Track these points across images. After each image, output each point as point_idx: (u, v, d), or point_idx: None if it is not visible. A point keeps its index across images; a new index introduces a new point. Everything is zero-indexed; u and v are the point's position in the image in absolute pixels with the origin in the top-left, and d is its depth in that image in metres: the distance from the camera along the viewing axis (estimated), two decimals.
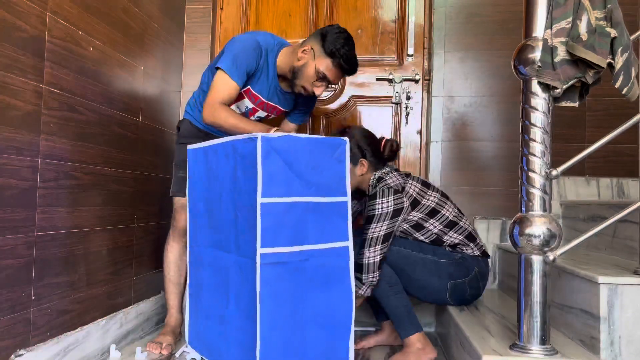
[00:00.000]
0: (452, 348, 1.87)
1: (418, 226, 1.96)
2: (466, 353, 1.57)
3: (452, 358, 1.88)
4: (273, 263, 1.49)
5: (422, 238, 1.97)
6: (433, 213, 1.96)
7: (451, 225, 1.98)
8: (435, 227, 1.96)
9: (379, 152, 2.04)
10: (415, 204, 1.95)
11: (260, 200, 1.46)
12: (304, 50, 1.92)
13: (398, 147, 2.08)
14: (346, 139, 1.63)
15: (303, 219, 1.56)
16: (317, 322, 1.59)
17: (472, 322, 1.74)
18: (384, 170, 2.00)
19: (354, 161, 1.97)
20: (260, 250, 1.46)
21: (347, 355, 1.62)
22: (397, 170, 2.04)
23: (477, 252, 1.98)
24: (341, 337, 1.63)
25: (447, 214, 1.98)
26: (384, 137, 2.08)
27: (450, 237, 1.97)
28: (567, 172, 1.94)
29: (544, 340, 1.31)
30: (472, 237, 2.00)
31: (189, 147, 1.89)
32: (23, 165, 1.51)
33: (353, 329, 1.63)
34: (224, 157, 1.67)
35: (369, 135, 2.07)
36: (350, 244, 1.64)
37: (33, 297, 1.56)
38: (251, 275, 1.49)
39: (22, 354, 1.50)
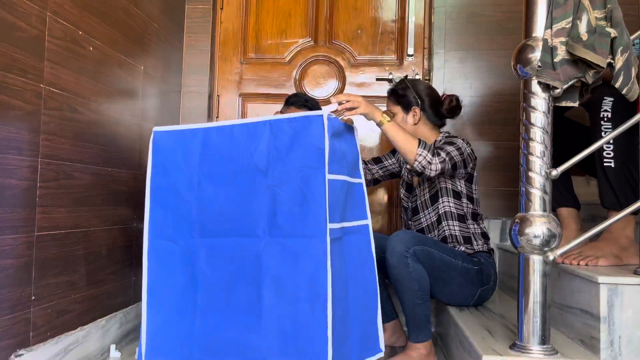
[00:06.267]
0: (452, 348, 1.87)
1: (457, 195, 2.00)
2: (466, 353, 1.57)
3: (452, 358, 1.88)
4: (333, 239, 1.50)
5: (452, 208, 2.00)
6: (470, 200, 2.03)
7: (475, 218, 2.04)
8: (468, 208, 2.02)
9: (437, 106, 2.06)
10: (470, 177, 2.03)
11: (328, 176, 1.48)
12: None
13: (458, 104, 2.06)
14: (356, 126, 1.76)
15: (345, 197, 1.61)
16: (353, 300, 1.61)
17: (472, 322, 1.73)
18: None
19: (407, 109, 2.04)
20: (329, 226, 1.47)
21: (378, 340, 1.68)
22: None
23: (485, 248, 2.03)
24: (372, 318, 1.69)
25: (478, 210, 2.06)
26: (444, 94, 2.12)
27: (473, 225, 2.02)
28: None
29: (544, 340, 1.31)
30: (486, 235, 2.05)
31: (155, 129, 1.71)
32: (23, 165, 1.51)
33: (380, 309, 1.71)
34: (245, 136, 1.59)
35: (430, 88, 2.12)
36: (369, 222, 1.73)
37: (33, 297, 1.56)
38: (309, 254, 1.47)
39: (22, 354, 1.50)
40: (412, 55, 2.68)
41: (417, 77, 2.66)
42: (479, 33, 2.60)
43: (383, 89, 2.69)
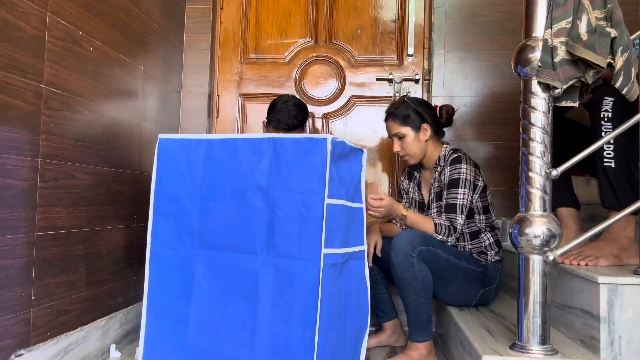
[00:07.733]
0: (452, 348, 1.87)
1: (470, 214, 1.98)
2: (466, 353, 1.57)
3: (452, 358, 1.88)
4: (330, 264, 1.50)
5: (464, 229, 1.99)
6: (485, 210, 2.01)
7: (492, 228, 2.04)
8: (481, 223, 2.01)
9: (437, 118, 2.09)
10: (483, 188, 2.01)
11: (327, 201, 1.48)
12: None
13: (453, 111, 2.12)
14: (365, 150, 1.74)
15: (346, 222, 1.59)
16: (351, 325, 1.61)
17: (472, 322, 1.73)
18: (451, 146, 2.08)
19: (416, 127, 2.04)
20: (324, 251, 1.47)
21: None
22: None
23: (497, 258, 2.02)
24: (361, 341, 1.69)
25: (493, 217, 2.04)
26: (437, 105, 2.14)
27: (487, 237, 2.01)
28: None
29: (544, 340, 1.31)
30: (499, 243, 2.05)
31: (161, 136, 1.73)
32: (23, 165, 1.51)
33: (367, 334, 1.72)
34: (248, 151, 1.60)
35: (426, 102, 2.14)
36: (365, 247, 1.73)
37: (33, 297, 1.56)
38: (303, 277, 1.47)
39: (22, 354, 1.50)
40: (412, 55, 2.68)
41: (417, 77, 2.66)
42: (479, 33, 2.60)
43: (383, 89, 2.69)
